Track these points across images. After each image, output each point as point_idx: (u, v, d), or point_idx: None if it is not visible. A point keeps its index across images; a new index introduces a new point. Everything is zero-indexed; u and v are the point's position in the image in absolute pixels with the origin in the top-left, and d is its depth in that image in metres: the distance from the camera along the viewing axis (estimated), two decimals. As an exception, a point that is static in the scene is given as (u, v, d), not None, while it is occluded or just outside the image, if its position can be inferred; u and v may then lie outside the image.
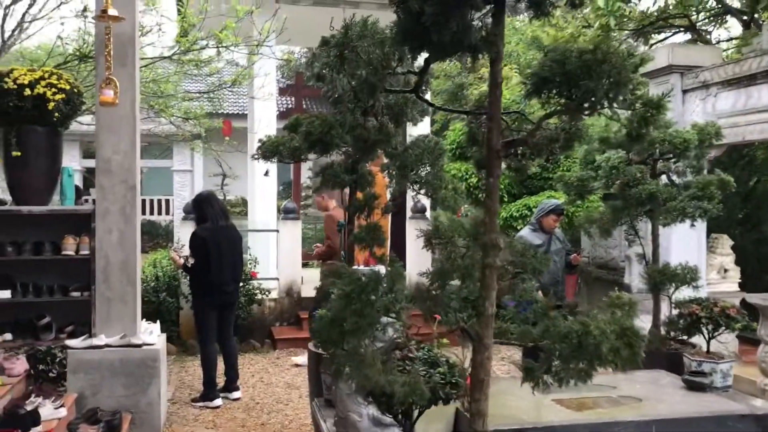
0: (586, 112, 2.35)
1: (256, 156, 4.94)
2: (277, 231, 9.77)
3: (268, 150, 4.69)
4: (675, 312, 5.16)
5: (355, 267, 4.79)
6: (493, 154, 2.31)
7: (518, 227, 8.17)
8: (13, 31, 6.59)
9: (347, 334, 2.25)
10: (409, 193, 7.19)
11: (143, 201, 23.57)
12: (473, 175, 9.14)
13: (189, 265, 6.40)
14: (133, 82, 5.45)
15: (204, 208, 6.46)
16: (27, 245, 5.37)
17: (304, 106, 14.70)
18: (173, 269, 8.78)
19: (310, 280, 10.28)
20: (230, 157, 18.71)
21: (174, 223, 18.26)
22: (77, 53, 6.15)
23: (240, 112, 20.08)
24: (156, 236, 22.48)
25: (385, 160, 4.72)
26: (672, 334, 5.16)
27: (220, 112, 13.95)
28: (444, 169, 4.99)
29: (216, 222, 6.39)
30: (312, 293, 9.97)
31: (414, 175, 4.62)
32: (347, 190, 5.98)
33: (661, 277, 5.31)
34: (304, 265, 10.86)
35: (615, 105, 2.25)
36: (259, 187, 11.10)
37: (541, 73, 2.21)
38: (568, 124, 2.57)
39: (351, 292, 2.16)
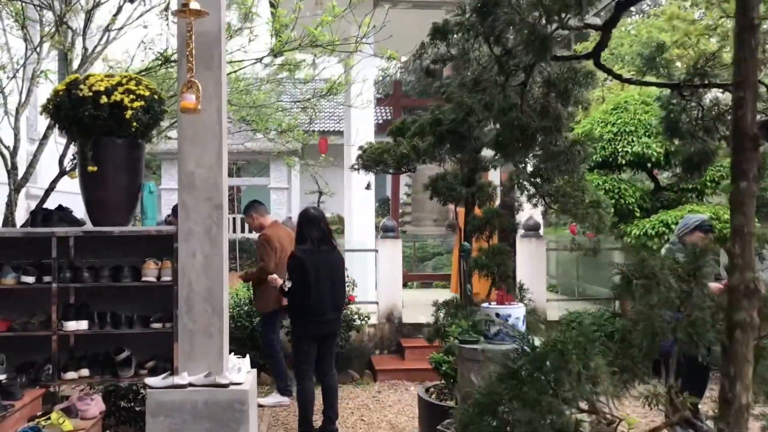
0: None
1: (355, 167, 4.20)
2: (376, 251, 9.05)
3: (371, 159, 3.94)
4: None
5: (485, 305, 3.94)
6: (747, 142, 1.41)
7: (654, 248, 7.07)
8: (100, 39, 6.17)
9: (509, 432, 1.41)
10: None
11: (242, 219, 23.54)
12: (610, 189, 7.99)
13: (286, 289, 5.73)
14: (219, 88, 4.84)
15: (304, 228, 5.76)
16: (105, 270, 4.84)
17: (404, 117, 14.02)
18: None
19: (411, 303, 9.49)
20: (326, 174, 18.30)
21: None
22: (160, 56, 5.64)
23: (335, 129, 19.83)
24: (254, 254, 22.36)
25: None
26: None
27: (315, 129, 13.50)
28: (585, 178, 4.08)
29: (317, 245, 5.68)
30: (414, 318, 9.24)
31: (547, 185, 3.74)
32: (451, 207, 5.15)
33: None
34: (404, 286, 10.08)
35: None
36: (356, 203, 10.46)
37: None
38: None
39: (519, 370, 1.33)
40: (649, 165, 7.99)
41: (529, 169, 3.79)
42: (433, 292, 12.37)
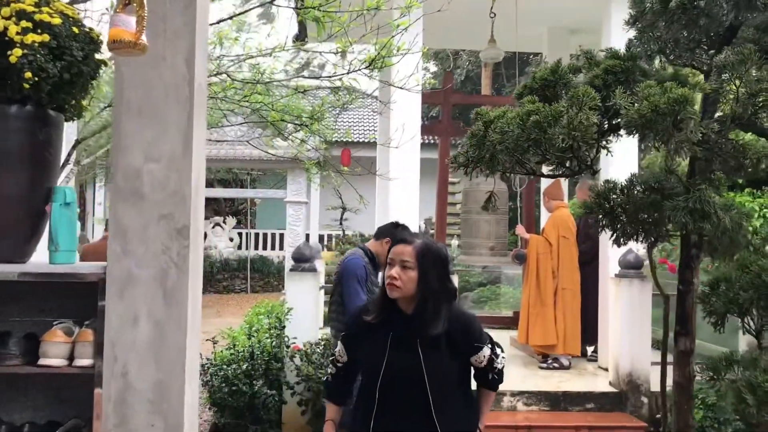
0: None
1: (454, 163, 2.02)
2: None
3: (505, 147, 1.74)
4: None
5: None
6: None
7: None
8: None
9: None
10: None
11: (256, 235, 21.41)
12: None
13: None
14: (193, 22, 2.68)
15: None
16: (-25, 343, 2.67)
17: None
18: (278, 347, 6.07)
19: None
20: (347, 188, 16.09)
21: (285, 261, 15.68)
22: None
23: (358, 140, 18.74)
24: (267, 275, 20.34)
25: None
26: None
27: (335, 140, 11.64)
28: None
29: None
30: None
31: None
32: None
33: None
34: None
35: None
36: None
37: None
38: None
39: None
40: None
41: None
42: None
